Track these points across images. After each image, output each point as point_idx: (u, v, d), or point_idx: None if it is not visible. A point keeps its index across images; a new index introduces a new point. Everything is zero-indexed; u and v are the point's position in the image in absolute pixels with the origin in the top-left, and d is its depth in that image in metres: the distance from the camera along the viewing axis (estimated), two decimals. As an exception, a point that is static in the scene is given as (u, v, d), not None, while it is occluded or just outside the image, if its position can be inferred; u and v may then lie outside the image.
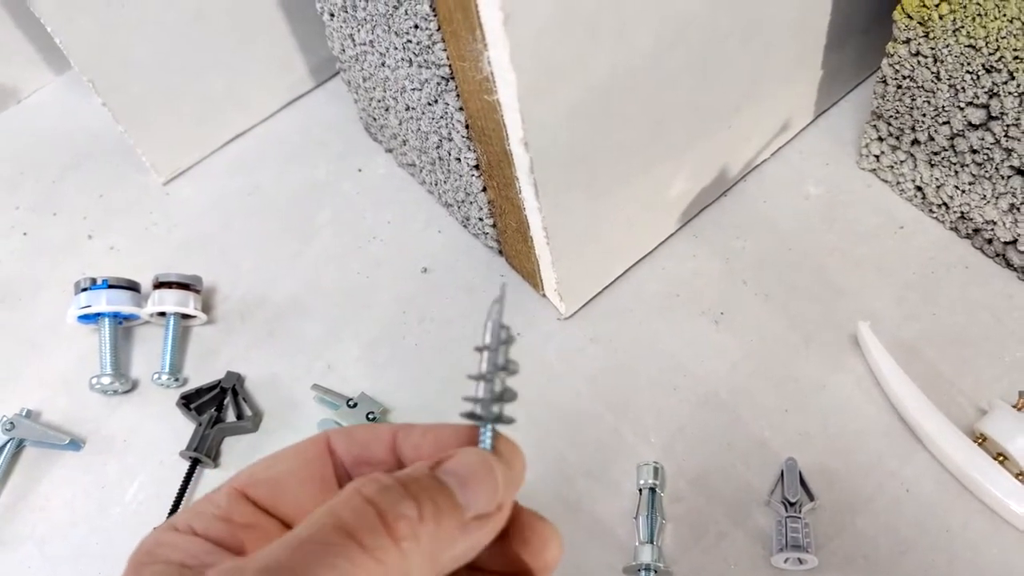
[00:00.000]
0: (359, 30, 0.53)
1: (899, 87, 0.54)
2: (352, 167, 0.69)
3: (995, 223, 0.55)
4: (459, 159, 0.54)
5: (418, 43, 0.46)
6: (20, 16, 0.73)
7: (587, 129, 0.47)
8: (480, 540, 0.26)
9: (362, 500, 0.24)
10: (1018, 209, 0.53)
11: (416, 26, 0.45)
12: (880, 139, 0.59)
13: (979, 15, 0.47)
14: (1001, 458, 0.49)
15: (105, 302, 0.60)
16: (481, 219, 0.58)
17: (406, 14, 0.45)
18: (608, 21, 0.42)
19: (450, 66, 0.46)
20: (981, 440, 0.50)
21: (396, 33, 0.48)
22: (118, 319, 0.62)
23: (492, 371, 0.27)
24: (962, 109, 0.51)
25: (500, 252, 0.62)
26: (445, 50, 0.45)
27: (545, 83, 0.42)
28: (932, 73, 0.51)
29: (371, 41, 0.53)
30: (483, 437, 0.27)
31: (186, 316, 0.62)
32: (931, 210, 0.59)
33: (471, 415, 0.27)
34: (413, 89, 0.52)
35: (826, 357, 0.55)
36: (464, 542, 0.25)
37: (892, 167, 0.60)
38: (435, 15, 0.43)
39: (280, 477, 0.27)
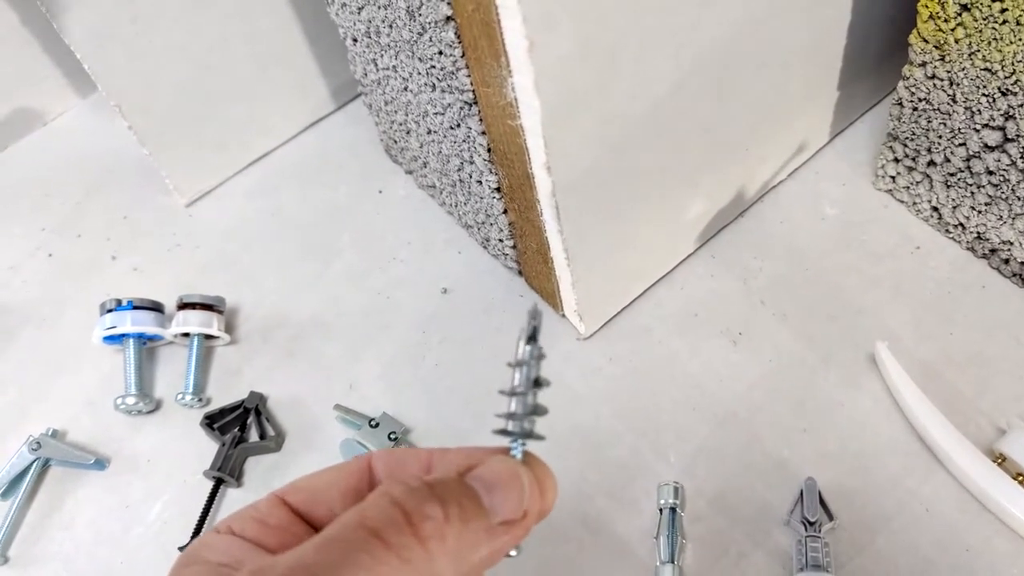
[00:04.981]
0: (382, 55, 0.54)
1: (915, 109, 0.55)
2: (372, 189, 0.70)
3: (1012, 243, 0.55)
4: (480, 182, 0.54)
5: (442, 69, 0.47)
6: (46, 42, 0.75)
7: (608, 153, 0.47)
8: (507, 544, 0.26)
9: (388, 501, 0.25)
10: (1035, 230, 0.53)
11: (440, 52, 0.46)
12: (896, 160, 0.59)
13: (995, 39, 0.47)
14: (1021, 478, 0.49)
15: (130, 323, 0.61)
16: (501, 240, 0.59)
17: (431, 41, 0.46)
18: (629, 49, 0.43)
19: (473, 91, 0.46)
20: (1000, 460, 0.50)
21: (420, 59, 0.49)
22: (142, 340, 0.62)
23: (524, 387, 0.28)
24: (978, 131, 0.52)
25: (519, 273, 0.62)
26: (469, 76, 0.45)
27: (568, 109, 0.43)
28: (948, 96, 0.52)
29: (394, 66, 0.54)
30: (514, 452, 0.28)
31: (209, 337, 0.62)
32: (947, 230, 0.60)
33: (503, 431, 0.28)
34: (436, 113, 0.53)
35: (844, 376, 0.56)
36: (490, 546, 0.26)
37: (908, 188, 0.60)
38: (460, 42, 0.44)
39: (318, 486, 0.29)
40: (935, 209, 0.59)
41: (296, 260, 0.68)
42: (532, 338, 0.27)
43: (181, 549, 0.54)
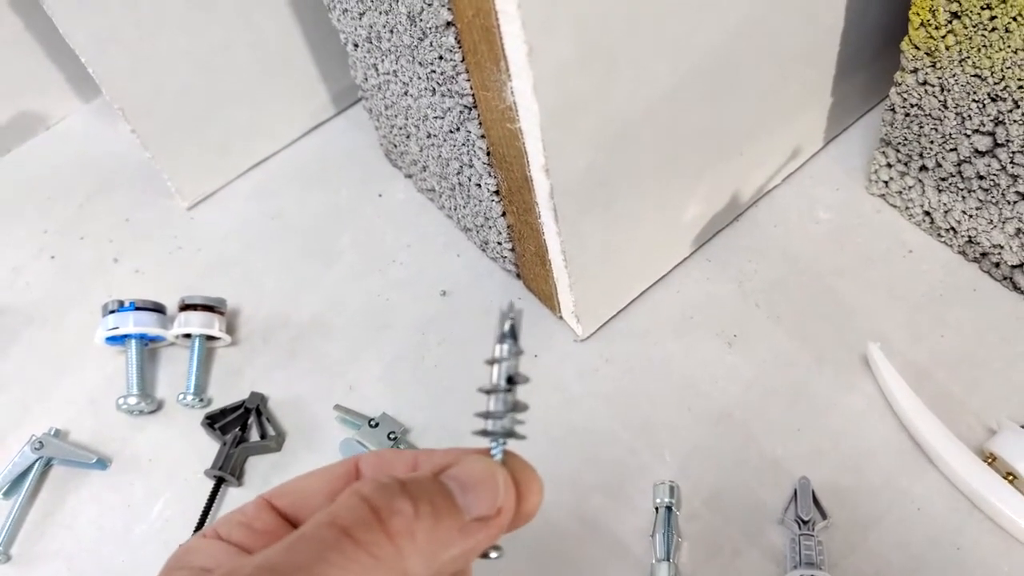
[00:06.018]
0: (383, 60, 0.55)
1: (907, 115, 0.56)
2: (372, 192, 0.71)
3: (1002, 247, 0.56)
4: (479, 185, 0.55)
5: (442, 73, 0.48)
6: (49, 46, 0.76)
7: (606, 156, 0.48)
8: (480, 543, 0.26)
9: (358, 498, 0.25)
10: (1025, 233, 0.54)
11: (441, 57, 0.47)
12: (889, 165, 0.60)
13: (984, 46, 0.48)
14: (1011, 477, 0.50)
15: (132, 324, 0.61)
16: (500, 243, 0.60)
17: (431, 46, 0.47)
18: (627, 54, 0.44)
19: (473, 95, 0.47)
20: (991, 459, 0.51)
21: (420, 63, 0.50)
22: (144, 340, 0.63)
23: (501, 385, 0.27)
24: (969, 136, 0.53)
25: (518, 276, 0.63)
26: (469, 80, 0.46)
27: (566, 112, 0.43)
28: (939, 101, 0.53)
29: (395, 71, 0.54)
30: (494, 452, 0.28)
31: (211, 338, 0.63)
32: (939, 234, 0.60)
33: (482, 431, 0.28)
34: (435, 117, 0.54)
35: (837, 378, 0.56)
36: (464, 543, 0.25)
37: (901, 192, 0.61)
38: (460, 47, 0.44)
39: (305, 488, 0.29)
40: (927, 213, 0.60)
41: (297, 262, 0.68)
42: (508, 335, 0.27)
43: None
